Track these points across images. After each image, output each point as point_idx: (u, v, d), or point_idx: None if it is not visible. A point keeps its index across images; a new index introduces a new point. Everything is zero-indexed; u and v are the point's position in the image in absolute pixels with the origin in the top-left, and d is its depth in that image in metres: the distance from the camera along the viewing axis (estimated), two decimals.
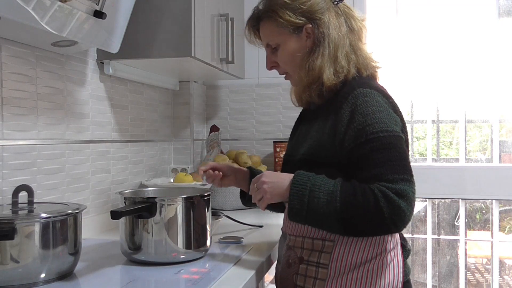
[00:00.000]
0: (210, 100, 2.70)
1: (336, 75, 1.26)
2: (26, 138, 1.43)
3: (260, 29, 1.37)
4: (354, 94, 1.20)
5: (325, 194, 1.12)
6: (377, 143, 1.14)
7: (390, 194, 1.09)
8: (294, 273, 1.24)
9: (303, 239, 1.25)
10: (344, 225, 1.13)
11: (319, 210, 1.13)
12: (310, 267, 1.22)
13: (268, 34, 1.34)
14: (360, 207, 1.10)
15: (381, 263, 1.20)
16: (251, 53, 2.56)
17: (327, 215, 1.12)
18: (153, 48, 1.76)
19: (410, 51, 2.54)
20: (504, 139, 2.65)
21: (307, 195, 1.13)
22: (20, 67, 1.41)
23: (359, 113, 1.17)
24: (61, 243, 1.12)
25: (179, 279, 1.16)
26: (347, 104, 1.20)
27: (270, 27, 1.33)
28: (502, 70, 2.48)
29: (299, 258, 1.25)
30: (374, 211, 1.09)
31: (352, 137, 1.17)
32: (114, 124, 1.90)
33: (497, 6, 2.47)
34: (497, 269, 2.55)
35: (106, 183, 1.84)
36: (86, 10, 1.30)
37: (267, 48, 1.37)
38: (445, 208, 2.82)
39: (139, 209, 1.23)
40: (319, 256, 1.21)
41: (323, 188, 1.13)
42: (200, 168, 1.46)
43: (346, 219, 1.12)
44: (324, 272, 1.20)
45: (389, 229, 1.13)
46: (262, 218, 2.05)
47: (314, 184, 1.14)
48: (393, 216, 1.09)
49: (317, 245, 1.22)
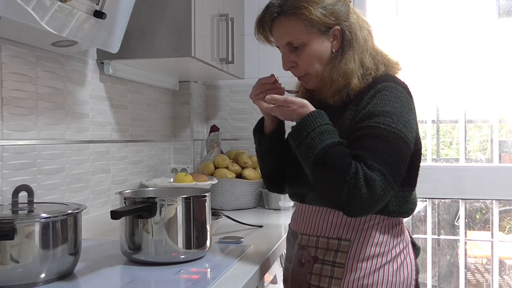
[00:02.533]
0: (210, 100, 2.70)
1: (364, 78, 1.26)
2: (26, 138, 1.43)
3: (278, 26, 1.28)
4: (377, 87, 1.21)
5: (319, 141, 1.15)
6: (374, 131, 1.15)
7: (359, 175, 1.09)
8: (308, 272, 1.25)
9: (317, 239, 1.26)
10: (311, 176, 1.17)
11: (306, 150, 1.16)
12: (325, 266, 1.23)
13: (292, 32, 1.26)
14: (331, 168, 1.13)
15: (396, 262, 1.22)
16: (251, 53, 2.56)
17: (308, 158, 1.16)
18: (153, 48, 1.76)
19: (410, 51, 2.54)
20: (504, 139, 2.65)
21: (308, 131, 1.17)
22: (20, 67, 1.41)
23: (373, 103, 1.19)
24: (61, 243, 1.11)
25: (179, 279, 1.16)
26: (368, 96, 1.22)
27: (295, 24, 1.25)
28: (502, 70, 2.48)
29: (313, 257, 1.25)
30: (337, 182, 1.11)
31: (358, 120, 1.19)
32: (114, 124, 1.90)
33: (497, 6, 2.47)
34: (497, 269, 2.55)
35: (106, 183, 1.84)
36: (86, 10, 1.30)
37: (285, 46, 1.29)
38: (445, 208, 2.82)
39: (139, 209, 1.23)
40: (335, 256, 1.23)
41: (323, 137, 1.16)
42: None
43: (316, 170, 1.15)
44: (340, 271, 1.21)
45: (341, 206, 1.14)
46: (262, 218, 2.05)
47: (320, 130, 1.17)
48: (350, 195, 1.10)
49: (332, 245, 1.24)
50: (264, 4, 1.35)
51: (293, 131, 1.21)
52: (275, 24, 1.29)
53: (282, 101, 1.22)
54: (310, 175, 1.19)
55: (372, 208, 1.13)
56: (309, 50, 1.27)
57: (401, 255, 1.24)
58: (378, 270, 1.21)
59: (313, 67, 1.28)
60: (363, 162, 1.12)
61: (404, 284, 1.23)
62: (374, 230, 1.23)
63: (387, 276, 1.21)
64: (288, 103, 1.21)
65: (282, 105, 1.22)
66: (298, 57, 1.29)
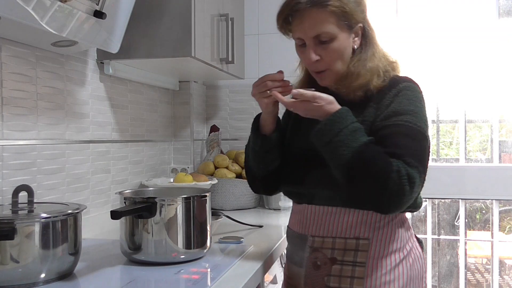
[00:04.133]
0: (210, 100, 2.70)
1: (384, 76, 1.27)
2: (26, 138, 1.43)
3: (309, 17, 1.22)
4: (399, 87, 1.24)
5: (352, 139, 1.14)
6: (403, 129, 1.17)
7: (402, 173, 1.11)
8: (326, 274, 1.24)
9: (333, 240, 1.24)
10: (347, 175, 1.15)
11: (339, 148, 1.14)
12: (345, 267, 1.23)
13: (324, 25, 1.21)
14: (373, 167, 1.12)
15: (410, 256, 1.27)
16: (251, 53, 2.56)
17: (341, 156, 1.14)
18: (153, 48, 1.76)
19: (410, 51, 2.54)
20: (504, 139, 2.65)
21: (340, 129, 1.15)
22: (20, 67, 1.41)
23: (397, 102, 1.21)
24: (61, 243, 1.11)
25: (179, 279, 1.16)
26: (390, 94, 1.23)
27: (328, 17, 1.21)
28: (502, 70, 2.48)
29: (330, 259, 1.24)
30: (381, 179, 1.11)
31: (382, 118, 1.20)
32: (114, 124, 1.90)
33: (497, 6, 2.47)
34: (497, 269, 2.55)
35: (106, 183, 1.84)
36: (86, 10, 1.30)
37: (312, 39, 1.23)
38: (445, 208, 2.82)
39: (139, 209, 1.23)
40: (355, 255, 1.23)
41: (355, 136, 1.15)
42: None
43: (353, 169, 1.13)
44: (361, 270, 1.21)
45: (380, 203, 1.14)
46: (262, 218, 2.05)
47: (352, 128, 1.16)
48: (393, 193, 1.11)
49: (350, 245, 1.23)
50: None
51: (322, 128, 1.17)
52: (305, 15, 1.22)
53: (310, 96, 1.17)
54: (342, 174, 1.16)
55: (407, 205, 1.15)
56: (337, 45, 1.24)
57: (413, 249, 1.28)
58: (398, 265, 1.24)
59: (336, 62, 1.26)
60: (401, 159, 1.13)
61: (418, 277, 1.28)
62: (390, 226, 1.25)
63: (406, 270, 1.25)
64: (316, 99, 1.17)
65: (308, 101, 1.18)
66: (324, 51, 1.24)
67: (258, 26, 2.57)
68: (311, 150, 1.27)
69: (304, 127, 1.34)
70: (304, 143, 1.31)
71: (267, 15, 2.53)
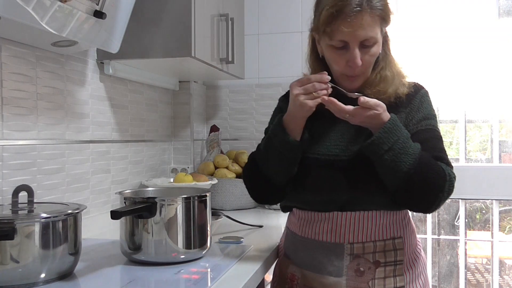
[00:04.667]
0: (210, 100, 2.70)
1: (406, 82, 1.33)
2: (26, 138, 1.43)
3: (360, 20, 1.17)
4: (421, 93, 1.32)
5: (409, 146, 1.19)
6: (434, 133, 1.28)
7: (452, 175, 1.22)
8: (370, 279, 1.26)
9: (374, 244, 1.27)
10: (407, 181, 1.18)
11: (399, 155, 1.17)
12: (388, 268, 1.27)
13: (374, 30, 1.20)
14: (431, 172, 1.19)
15: (420, 245, 1.40)
16: (251, 53, 2.56)
17: (401, 163, 1.17)
18: (153, 48, 1.76)
19: (410, 51, 2.54)
20: (504, 139, 2.65)
21: (398, 136, 1.18)
22: (20, 67, 1.41)
23: (424, 107, 1.30)
24: (61, 243, 1.11)
25: (179, 279, 1.16)
26: (416, 100, 1.30)
27: (375, 22, 1.20)
28: (502, 70, 2.48)
29: (374, 262, 1.26)
30: (440, 183, 1.19)
31: (415, 123, 1.27)
32: (114, 124, 1.90)
33: (497, 6, 2.47)
34: (497, 269, 2.55)
35: (106, 183, 1.84)
36: (86, 10, 1.30)
37: (359, 43, 1.20)
38: (445, 208, 2.82)
39: (139, 209, 1.23)
40: (395, 255, 1.28)
41: (410, 142, 1.20)
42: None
43: (414, 175, 1.17)
44: (400, 268, 1.28)
45: (432, 205, 1.23)
46: (262, 218, 2.05)
47: (406, 135, 1.21)
48: (446, 194, 1.21)
49: (388, 245, 1.28)
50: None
51: (381, 136, 1.16)
52: (361, 19, 1.17)
53: (373, 104, 1.16)
54: (399, 181, 1.18)
55: None
56: (376, 50, 1.24)
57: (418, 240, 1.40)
58: (420, 256, 1.35)
59: (371, 67, 1.28)
60: (443, 162, 1.23)
61: (425, 263, 1.40)
62: (410, 223, 1.35)
63: (424, 259, 1.38)
64: (377, 106, 1.17)
65: (369, 108, 1.16)
66: (366, 55, 1.23)
67: (258, 26, 2.57)
68: (331, 155, 1.27)
69: (317, 133, 1.31)
70: (322, 149, 1.29)
71: (267, 15, 2.53)
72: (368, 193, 1.25)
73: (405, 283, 1.27)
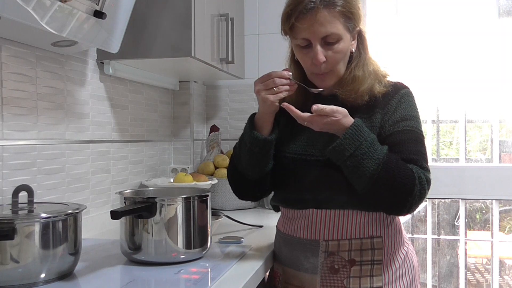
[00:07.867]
0: (210, 100, 2.70)
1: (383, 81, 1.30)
2: (26, 138, 1.43)
3: (319, 17, 1.19)
4: (401, 93, 1.29)
5: (373, 151, 1.17)
6: (412, 135, 1.24)
7: (423, 178, 1.19)
8: (345, 277, 1.25)
9: (349, 242, 1.26)
10: (373, 184, 1.17)
11: (362, 160, 1.16)
12: (364, 267, 1.25)
13: (334, 26, 1.20)
14: (398, 176, 1.16)
15: (409, 249, 1.35)
16: (251, 53, 2.56)
17: (364, 168, 1.16)
18: (153, 48, 1.76)
19: (410, 51, 2.53)
20: (504, 139, 2.65)
21: (360, 141, 1.16)
22: (20, 67, 1.41)
23: (402, 108, 1.26)
24: (61, 243, 1.11)
25: (179, 279, 1.16)
26: (394, 100, 1.27)
27: (337, 18, 1.20)
28: (502, 70, 2.48)
29: (349, 261, 1.25)
30: (407, 186, 1.17)
31: (391, 124, 1.24)
32: (114, 124, 1.90)
33: (497, 6, 2.47)
34: (497, 269, 2.55)
35: (106, 183, 1.84)
36: (86, 10, 1.30)
37: (320, 40, 1.22)
38: (445, 208, 2.82)
39: (139, 209, 1.23)
40: (372, 254, 1.25)
41: (375, 147, 1.18)
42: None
43: (379, 179, 1.16)
44: (378, 268, 1.25)
45: (403, 207, 1.20)
46: (262, 218, 2.05)
47: (370, 140, 1.18)
48: (417, 197, 1.18)
49: (365, 244, 1.26)
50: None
51: (342, 142, 1.16)
52: (316, 15, 1.19)
53: (329, 111, 1.16)
54: (364, 185, 1.17)
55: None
56: (342, 47, 1.24)
57: (408, 242, 1.37)
58: (406, 258, 1.31)
59: (339, 64, 1.27)
60: (417, 165, 1.20)
61: (417, 267, 1.37)
62: (395, 223, 1.31)
63: (411, 261, 1.33)
64: (334, 113, 1.16)
65: (326, 115, 1.16)
66: (330, 52, 1.23)
67: (258, 26, 2.57)
68: (308, 154, 1.28)
69: (296, 132, 1.33)
70: (299, 148, 1.31)
71: (267, 15, 2.53)
72: (344, 192, 1.24)
73: (383, 283, 1.25)
